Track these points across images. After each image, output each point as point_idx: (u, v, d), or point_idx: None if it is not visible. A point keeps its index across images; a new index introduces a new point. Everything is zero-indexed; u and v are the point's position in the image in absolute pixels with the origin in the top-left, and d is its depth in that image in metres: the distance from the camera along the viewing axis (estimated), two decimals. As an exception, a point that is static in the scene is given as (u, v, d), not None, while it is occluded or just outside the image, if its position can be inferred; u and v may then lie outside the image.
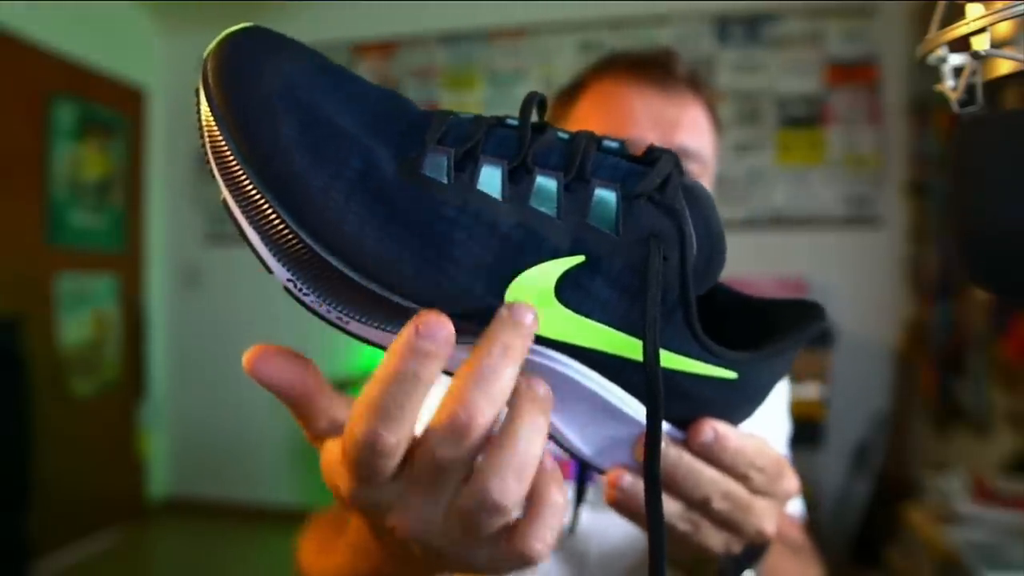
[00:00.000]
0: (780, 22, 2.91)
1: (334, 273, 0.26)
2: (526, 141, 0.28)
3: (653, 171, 0.28)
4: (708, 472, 0.32)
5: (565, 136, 0.29)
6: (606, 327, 0.28)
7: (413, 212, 0.26)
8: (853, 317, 2.76)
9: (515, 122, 0.29)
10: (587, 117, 0.68)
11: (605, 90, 0.68)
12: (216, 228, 3.44)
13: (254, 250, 0.27)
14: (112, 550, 2.96)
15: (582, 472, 0.45)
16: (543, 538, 0.26)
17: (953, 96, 0.30)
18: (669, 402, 0.30)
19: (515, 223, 0.27)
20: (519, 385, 0.26)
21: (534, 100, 0.29)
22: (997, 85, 0.30)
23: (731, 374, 0.30)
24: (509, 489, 0.25)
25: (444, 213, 0.26)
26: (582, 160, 0.28)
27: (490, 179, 0.27)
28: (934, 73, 0.32)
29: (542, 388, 0.26)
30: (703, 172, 0.67)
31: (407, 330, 0.24)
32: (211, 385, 3.43)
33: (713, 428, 0.31)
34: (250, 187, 0.26)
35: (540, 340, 0.28)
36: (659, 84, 0.66)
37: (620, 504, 0.32)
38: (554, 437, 0.31)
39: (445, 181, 0.27)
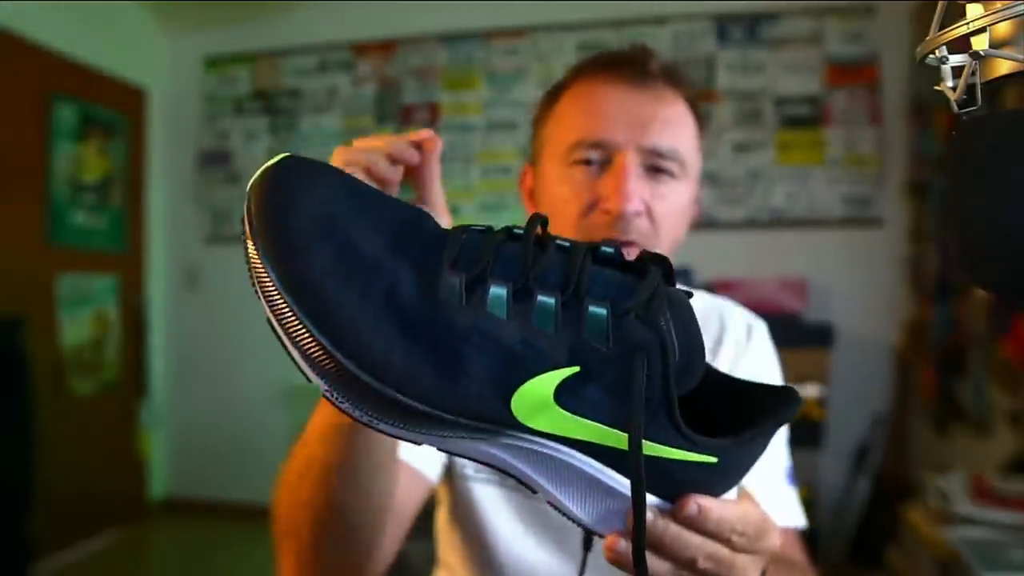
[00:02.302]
0: (780, 22, 2.91)
1: (366, 386, 0.31)
2: (528, 263, 0.32)
3: (642, 287, 0.32)
4: (694, 539, 0.35)
5: (566, 244, 0.33)
6: (598, 424, 0.32)
7: (432, 331, 0.30)
8: (853, 317, 2.76)
9: (520, 231, 0.33)
10: (566, 116, 0.68)
11: (583, 90, 0.68)
12: (216, 228, 3.44)
13: (297, 365, 0.31)
14: (112, 550, 2.96)
15: (588, 538, 0.48)
16: None
17: (953, 96, 0.30)
18: (657, 482, 0.34)
19: (519, 340, 0.31)
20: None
21: (536, 222, 0.34)
22: (997, 85, 0.30)
23: (712, 459, 0.34)
24: None
25: (459, 332, 0.30)
26: (578, 279, 0.32)
27: (497, 300, 0.31)
28: (934, 73, 0.32)
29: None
30: (681, 171, 0.66)
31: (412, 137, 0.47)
32: (211, 385, 3.43)
33: (696, 503, 0.34)
34: (291, 314, 0.30)
35: (546, 435, 0.32)
36: (633, 82, 0.66)
37: (617, 562, 0.35)
38: (560, 509, 0.35)
39: (459, 303, 0.31)
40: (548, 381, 0.31)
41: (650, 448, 0.33)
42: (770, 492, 0.71)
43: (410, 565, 0.86)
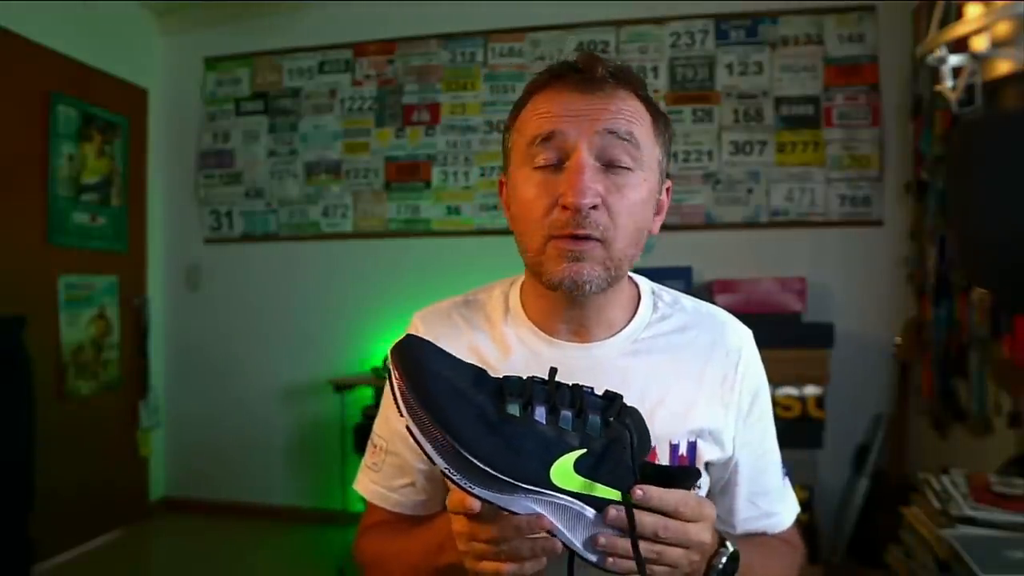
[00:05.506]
0: (780, 22, 2.91)
1: (471, 464, 0.53)
2: (553, 395, 0.56)
3: (613, 406, 0.57)
4: (646, 516, 0.56)
5: (568, 384, 0.58)
6: (600, 484, 0.56)
7: (504, 430, 0.54)
8: (853, 317, 2.76)
9: (541, 378, 0.58)
10: (525, 123, 0.72)
11: (538, 100, 0.72)
12: (216, 228, 3.45)
13: (428, 455, 0.53)
14: (112, 550, 2.96)
15: (571, 562, 0.64)
16: None
17: (952, 96, 0.31)
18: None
19: (553, 434, 0.55)
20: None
21: (555, 373, 0.58)
22: (996, 85, 0.30)
23: None
24: None
25: (519, 430, 0.54)
26: (581, 402, 0.57)
27: (540, 414, 0.55)
28: (934, 73, 0.32)
29: None
30: (637, 160, 0.69)
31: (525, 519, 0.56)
32: (211, 385, 3.44)
33: (640, 488, 0.56)
34: (429, 423, 0.53)
35: (566, 492, 0.55)
36: (582, 87, 0.69)
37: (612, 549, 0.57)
38: (564, 543, 0.56)
39: (519, 415, 0.55)
40: (570, 457, 0.55)
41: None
42: (777, 488, 0.81)
43: None
